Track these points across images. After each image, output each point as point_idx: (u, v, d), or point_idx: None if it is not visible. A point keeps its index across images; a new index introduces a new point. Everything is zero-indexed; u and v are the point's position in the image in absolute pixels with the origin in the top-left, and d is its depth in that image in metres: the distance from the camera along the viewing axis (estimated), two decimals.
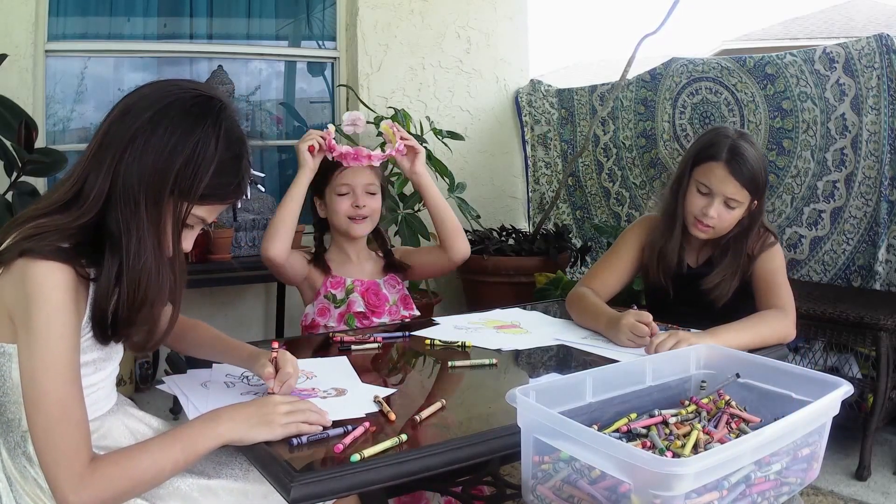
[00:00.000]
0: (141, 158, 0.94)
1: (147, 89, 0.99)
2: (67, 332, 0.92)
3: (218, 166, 0.97)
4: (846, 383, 1.02)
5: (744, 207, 1.69)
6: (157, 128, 0.94)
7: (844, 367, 2.44)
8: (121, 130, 0.95)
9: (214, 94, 1.01)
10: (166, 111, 0.95)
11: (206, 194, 0.99)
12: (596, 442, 0.86)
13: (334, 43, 3.81)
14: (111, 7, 3.34)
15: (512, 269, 3.26)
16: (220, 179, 0.99)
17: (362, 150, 1.74)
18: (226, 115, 1.00)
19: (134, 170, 0.94)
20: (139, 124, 0.94)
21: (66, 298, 0.91)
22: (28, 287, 0.90)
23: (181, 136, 0.95)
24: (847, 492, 2.21)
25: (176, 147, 0.94)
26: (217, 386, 1.22)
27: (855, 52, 2.68)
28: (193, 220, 1.02)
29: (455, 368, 1.36)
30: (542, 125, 4.12)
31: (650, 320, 1.48)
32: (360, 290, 1.81)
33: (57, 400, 0.89)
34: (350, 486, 0.90)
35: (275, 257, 1.68)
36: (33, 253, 0.90)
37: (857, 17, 12.60)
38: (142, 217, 0.95)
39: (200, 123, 0.96)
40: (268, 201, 3.34)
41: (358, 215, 1.79)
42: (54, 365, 0.90)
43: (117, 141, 0.95)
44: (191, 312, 1.25)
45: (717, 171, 1.65)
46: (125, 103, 0.97)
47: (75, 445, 0.90)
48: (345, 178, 1.78)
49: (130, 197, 0.94)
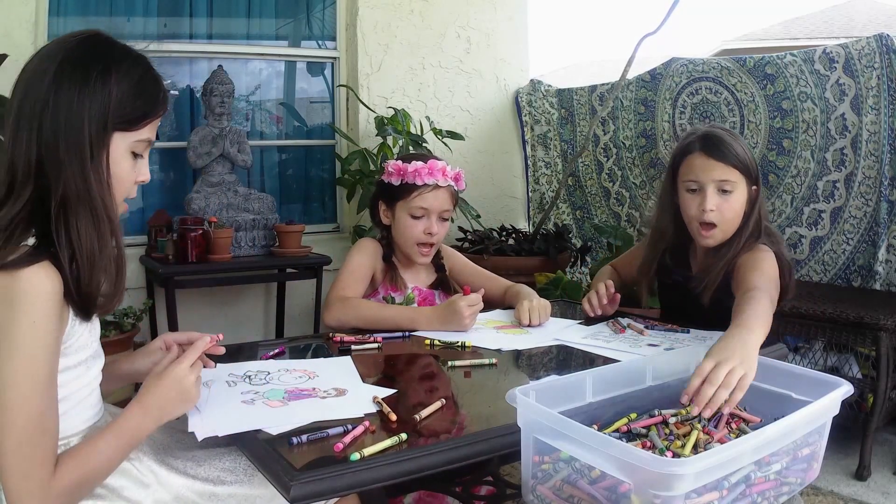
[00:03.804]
0: (55, 119, 0.95)
1: (35, 59, 1.00)
2: (50, 341, 0.91)
3: (132, 89, 1.00)
4: (846, 383, 1.02)
5: (741, 192, 1.61)
6: (61, 86, 0.95)
7: (844, 367, 2.44)
8: (31, 101, 0.96)
9: (92, 32, 1.02)
10: (62, 68, 0.96)
11: (136, 118, 1.01)
12: (596, 442, 0.86)
13: (334, 43, 3.81)
14: (111, 7, 3.34)
15: (512, 269, 3.25)
16: (139, 100, 1.01)
17: (437, 164, 1.73)
18: (115, 44, 1.02)
19: (52, 132, 0.95)
20: (45, 89, 0.95)
21: (52, 306, 0.91)
22: (14, 299, 0.88)
23: (83, 83, 0.96)
24: (847, 492, 2.21)
25: (83, 95, 0.96)
26: (218, 385, 1.22)
27: (855, 52, 2.68)
28: (139, 146, 1.03)
29: (455, 368, 1.36)
30: (542, 125, 4.12)
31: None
32: (419, 300, 1.82)
33: (35, 411, 0.89)
34: (350, 485, 0.90)
35: (332, 326, 1.68)
36: (11, 265, 0.89)
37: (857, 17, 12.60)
38: (70, 176, 0.95)
39: (96, 63, 0.97)
40: (267, 201, 3.34)
41: (427, 242, 1.78)
42: (34, 375, 0.89)
43: (29, 113, 0.95)
44: (191, 313, 1.25)
45: (696, 160, 1.62)
46: (23, 79, 0.99)
47: (45, 456, 0.90)
48: (423, 202, 1.75)
49: (57, 159, 0.95)
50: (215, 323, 3.38)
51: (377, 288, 1.82)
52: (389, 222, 1.83)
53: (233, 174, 3.35)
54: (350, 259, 1.80)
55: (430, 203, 1.75)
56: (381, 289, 1.82)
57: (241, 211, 3.26)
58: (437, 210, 1.76)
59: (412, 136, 3.44)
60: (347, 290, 1.71)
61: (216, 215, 3.14)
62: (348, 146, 3.64)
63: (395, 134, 3.37)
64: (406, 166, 1.75)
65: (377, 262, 1.82)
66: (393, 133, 3.37)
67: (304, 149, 3.90)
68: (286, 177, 3.87)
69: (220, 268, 3.06)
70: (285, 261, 3.26)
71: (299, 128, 3.89)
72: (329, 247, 3.46)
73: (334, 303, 1.68)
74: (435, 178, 1.74)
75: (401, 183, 1.76)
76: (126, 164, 1.02)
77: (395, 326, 1.61)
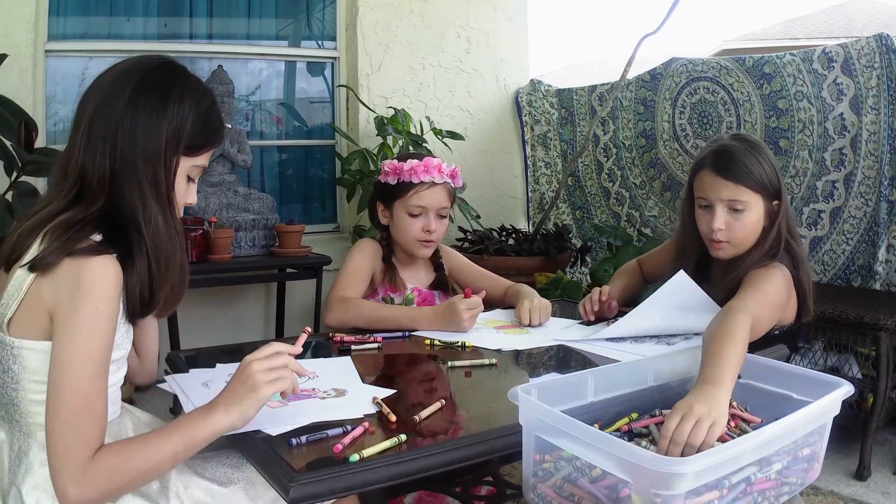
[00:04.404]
0: (133, 136, 1.01)
1: (110, 74, 1.06)
2: (110, 329, 0.96)
3: (200, 118, 1.07)
4: (846, 383, 1.02)
5: (754, 210, 1.56)
6: (138, 105, 1.02)
7: (844, 367, 2.44)
8: (105, 115, 1.02)
9: (168, 59, 1.11)
10: (141, 88, 1.03)
11: (198, 145, 1.08)
12: (597, 440, 0.86)
13: (334, 43, 3.81)
14: (111, 7, 3.34)
15: (512, 269, 3.25)
16: (204, 128, 1.08)
17: (432, 162, 1.74)
18: (189, 75, 1.10)
19: (129, 148, 1.01)
20: (121, 106, 1.01)
21: (115, 296, 0.96)
22: (81, 283, 0.93)
23: (161, 106, 1.03)
24: (847, 492, 2.21)
25: (161, 117, 1.03)
26: (218, 385, 1.22)
27: (854, 51, 2.68)
28: (195, 171, 1.11)
29: (455, 368, 1.36)
30: (542, 125, 4.12)
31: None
32: (418, 300, 1.82)
33: (84, 391, 0.92)
34: (349, 486, 0.89)
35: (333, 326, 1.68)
36: (80, 252, 0.94)
37: (857, 17, 12.60)
38: (146, 191, 1.02)
39: (174, 90, 1.05)
40: (267, 201, 3.34)
41: (427, 240, 1.78)
42: (90, 357, 0.93)
43: (104, 125, 1.01)
44: (191, 313, 1.27)
45: (706, 178, 1.58)
46: (97, 92, 1.04)
47: (89, 437, 0.91)
48: (420, 200, 1.75)
49: (133, 175, 1.01)
50: (215, 323, 3.39)
51: (376, 289, 1.82)
52: (388, 222, 1.83)
53: (233, 174, 3.35)
54: (350, 259, 1.80)
55: (428, 201, 1.76)
56: (380, 290, 1.82)
57: (241, 211, 3.26)
58: (434, 207, 1.77)
59: (412, 136, 3.44)
60: (347, 291, 1.71)
61: (216, 215, 3.14)
62: (348, 146, 3.63)
63: (395, 134, 3.37)
64: (402, 165, 1.75)
65: (377, 263, 1.82)
66: (393, 133, 3.37)
67: (304, 149, 3.90)
68: (286, 177, 3.87)
69: (220, 268, 3.06)
70: (285, 261, 3.26)
71: (299, 128, 3.89)
72: (329, 247, 3.46)
73: (334, 303, 1.68)
74: (431, 175, 1.75)
75: (397, 182, 1.77)
76: (182, 185, 1.09)
77: (396, 326, 1.62)
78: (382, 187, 1.81)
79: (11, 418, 1.02)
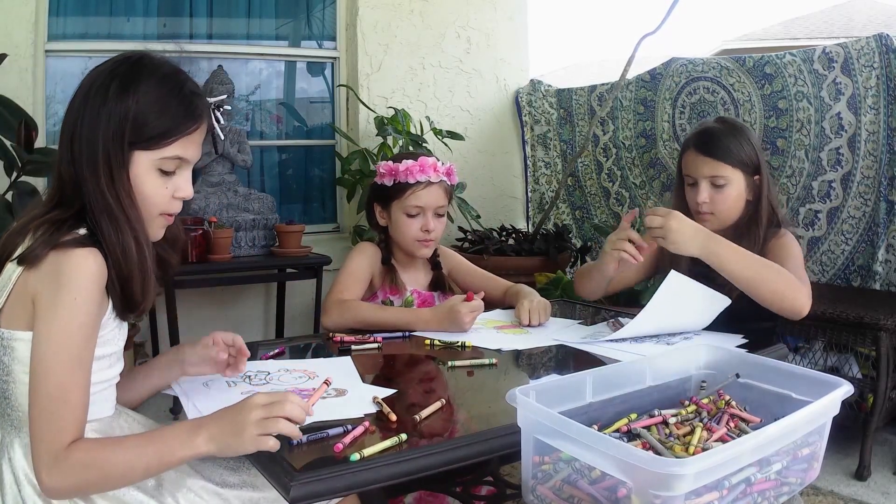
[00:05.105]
0: (82, 138, 1.01)
1: (84, 77, 1.05)
2: (89, 321, 0.95)
3: (160, 107, 1.02)
4: (846, 383, 1.02)
5: (737, 185, 1.69)
6: (86, 105, 1.01)
7: (844, 367, 2.44)
8: (68, 120, 1.03)
9: (133, 53, 1.06)
10: (91, 86, 1.02)
11: (154, 136, 1.02)
12: (596, 442, 0.86)
13: (334, 43, 3.81)
14: (111, 7, 3.34)
15: (512, 269, 3.25)
16: (160, 119, 1.02)
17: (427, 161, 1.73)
18: (148, 61, 1.05)
19: (81, 151, 1.01)
20: (76, 107, 1.02)
21: (95, 289, 0.96)
22: (62, 274, 0.93)
23: (112, 100, 1.00)
24: (847, 492, 2.21)
25: (111, 112, 1.00)
26: (219, 385, 1.22)
27: (854, 51, 2.68)
28: (172, 163, 1.05)
29: (455, 368, 1.36)
30: (542, 125, 4.12)
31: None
32: (418, 302, 1.82)
33: (59, 380, 0.92)
34: (349, 485, 0.89)
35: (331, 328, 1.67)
36: (65, 244, 0.95)
37: (857, 17, 12.60)
38: (103, 186, 1.00)
39: (127, 81, 1.01)
40: (267, 201, 3.34)
41: (426, 239, 1.78)
42: (66, 347, 0.93)
43: (67, 131, 1.02)
44: (191, 313, 1.26)
45: (689, 157, 1.73)
46: (71, 100, 1.04)
47: (62, 427, 0.91)
48: (418, 200, 1.75)
49: (93, 175, 1.00)
50: (215, 323, 3.37)
51: (376, 292, 1.82)
52: (386, 223, 1.83)
53: (233, 174, 3.35)
54: (349, 261, 1.80)
55: (425, 200, 1.76)
56: (379, 292, 1.82)
57: (241, 211, 3.26)
58: (432, 206, 1.77)
59: (412, 136, 3.44)
60: (346, 293, 1.71)
61: (216, 215, 3.14)
62: (348, 146, 3.64)
63: (395, 134, 3.37)
64: (397, 166, 1.75)
65: (376, 266, 1.82)
66: (393, 133, 3.37)
67: (304, 149, 3.90)
68: (286, 177, 3.87)
69: (220, 268, 3.06)
70: (285, 261, 3.26)
71: (299, 128, 3.89)
72: (329, 247, 3.46)
73: (332, 306, 1.68)
74: (427, 174, 1.75)
75: (393, 183, 1.77)
76: (152, 181, 1.04)
77: (395, 328, 1.62)
78: (379, 189, 1.81)
79: (3, 412, 1.01)
